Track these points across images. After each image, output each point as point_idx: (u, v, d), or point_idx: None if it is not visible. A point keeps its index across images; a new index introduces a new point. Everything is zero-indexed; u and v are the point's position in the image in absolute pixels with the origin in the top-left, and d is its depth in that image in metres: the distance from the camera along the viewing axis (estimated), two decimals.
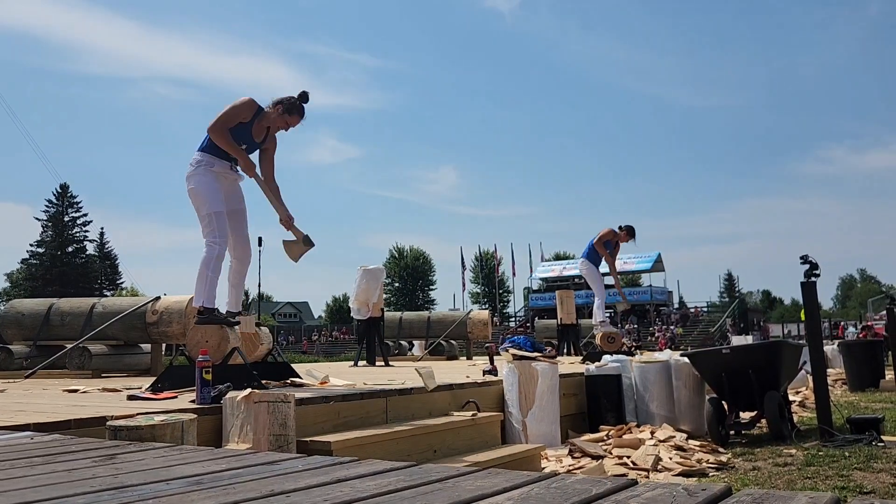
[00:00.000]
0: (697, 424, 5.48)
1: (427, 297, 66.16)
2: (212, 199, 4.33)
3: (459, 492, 1.25)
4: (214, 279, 4.32)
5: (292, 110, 4.47)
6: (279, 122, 4.49)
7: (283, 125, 4.52)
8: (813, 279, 5.34)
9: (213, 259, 4.29)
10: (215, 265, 4.31)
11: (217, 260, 4.31)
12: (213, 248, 4.29)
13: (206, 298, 4.28)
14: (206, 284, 4.28)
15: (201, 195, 4.32)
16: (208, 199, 4.32)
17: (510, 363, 5.08)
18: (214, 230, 4.30)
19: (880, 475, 3.70)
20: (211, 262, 4.29)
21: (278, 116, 4.46)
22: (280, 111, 4.45)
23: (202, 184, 4.34)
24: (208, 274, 4.29)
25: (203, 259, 4.31)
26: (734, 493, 1.19)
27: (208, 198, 4.32)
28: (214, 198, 4.35)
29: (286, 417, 3.13)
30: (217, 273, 4.33)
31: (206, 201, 4.32)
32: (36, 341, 7.14)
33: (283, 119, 4.48)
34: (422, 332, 12.14)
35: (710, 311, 47.41)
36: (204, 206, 4.31)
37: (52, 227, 55.19)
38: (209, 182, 4.36)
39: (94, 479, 1.46)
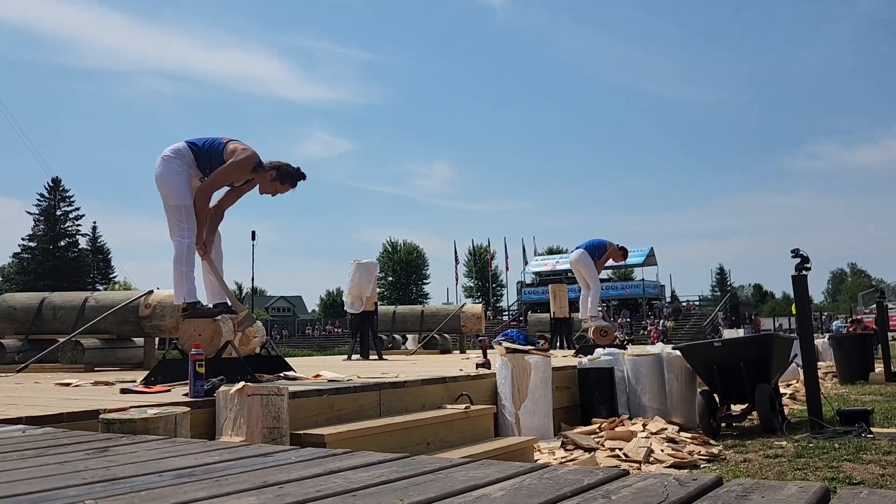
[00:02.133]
0: (689, 417, 5.51)
1: (420, 291, 66.14)
2: (181, 190, 4.26)
3: (452, 482, 1.26)
4: (190, 273, 4.27)
5: (285, 179, 4.38)
6: (269, 188, 4.39)
7: (272, 191, 4.41)
8: (804, 273, 5.37)
9: (185, 253, 4.24)
10: (187, 259, 4.25)
11: (188, 253, 4.25)
12: (181, 243, 4.23)
13: (187, 293, 4.24)
14: (182, 280, 4.23)
15: (171, 185, 4.25)
16: (178, 191, 4.25)
17: (503, 356, 5.10)
18: (183, 223, 4.23)
19: (869, 466, 3.73)
20: (182, 257, 4.23)
21: (269, 182, 4.37)
22: (273, 177, 4.35)
23: (173, 175, 4.26)
24: (182, 270, 4.23)
25: (174, 257, 4.25)
26: (725, 483, 1.20)
27: (178, 189, 4.25)
28: (184, 190, 4.28)
29: (279, 410, 3.13)
30: (191, 266, 4.28)
31: (176, 192, 4.25)
32: (28, 335, 7.11)
33: (273, 185, 4.38)
34: (415, 326, 12.15)
35: (701, 305, 47.58)
36: (173, 196, 4.25)
37: (44, 221, 54.88)
38: (182, 174, 4.29)
39: (85, 472, 1.46)
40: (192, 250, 4.27)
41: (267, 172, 4.35)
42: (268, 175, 4.35)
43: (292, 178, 4.41)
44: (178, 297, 4.27)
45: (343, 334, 41.21)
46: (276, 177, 4.35)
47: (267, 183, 4.37)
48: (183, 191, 4.27)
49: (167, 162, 4.28)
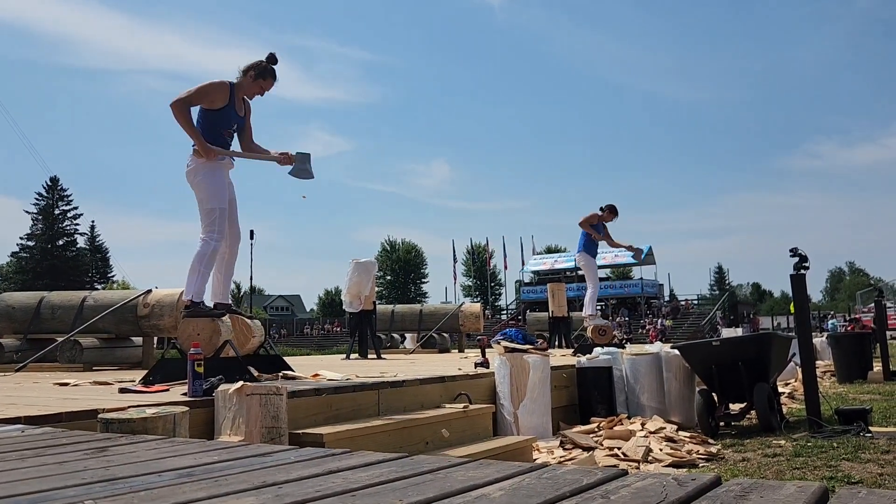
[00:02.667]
0: (688, 416, 5.51)
1: (419, 290, 66.15)
2: (219, 194, 4.31)
3: (451, 482, 1.26)
4: (207, 274, 4.30)
5: (265, 74, 4.45)
6: (254, 89, 4.47)
7: (259, 90, 4.49)
8: (802, 272, 5.37)
9: (208, 255, 4.27)
10: (209, 261, 4.29)
11: (212, 256, 4.29)
12: (208, 244, 4.27)
13: (196, 293, 4.26)
14: (197, 279, 4.26)
15: (207, 189, 4.29)
16: (215, 195, 4.29)
17: (502, 356, 5.10)
18: (214, 226, 4.27)
19: (868, 465, 3.73)
20: (205, 257, 4.27)
21: (252, 83, 4.44)
22: (253, 77, 4.43)
23: (210, 177, 4.30)
24: (201, 269, 4.26)
25: (198, 253, 4.28)
26: (723, 482, 1.20)
27: (215, 193, 4.30)
28: (221, 194, 4.33)
29: (278, 410, 3.13)
30: (210, 269, 4.31)
31: (212, 196, 4.29)
32: (26, 335, 7.10)
33: (257, 85, 4.45)
34: (414, 325, 12.15)
35: (700, 304, 47.60)
36: (209, 200, 4.28)
37: (43, 220, 54.81)
38: (219, 177, 4.34)
39: (84, 472, 1.45)
40: (216, 253, 4.31)
41: (245, 78, 4.43)
42: (247, 79, 4.43)
43: (270, 69, 4.47)
44: (188, 294, 4.29)
45: (342, 333, 41.21)
46: (254, 76, 4.43)
47: (250, 86, 4.45)
48: (218, 194, 4.32)
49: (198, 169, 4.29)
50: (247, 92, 4.49)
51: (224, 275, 4.54)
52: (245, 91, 4.48)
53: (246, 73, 4.44)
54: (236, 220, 4.56)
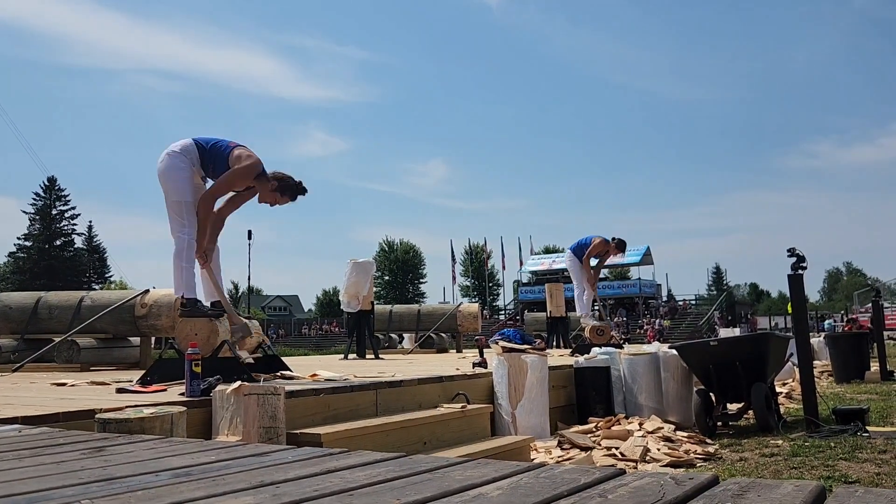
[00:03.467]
0: (685, 416, 5.52)
1: (417, 290, 66.15)
2: (184, 187, 4.28)
3: (449, 482, 1.26)
4: (190, 269, 4.29)
5: (286, 192, 4.42)
6: (268, 197, 4.42)
7: (271, 201, 4.44)
8: (800, 272, 5.38)
9: (185, 249, 4.26)
10: (188, 255, 4.27)
11: (188, 249, 4.27)
12: (182, 240, 4.26)
13: (186, 289, 4.26)
14: (182, 275, 4.26)
15: (174, 181, 4.27)
16: (181, 188, 4.27)
17: (500, 356, 5.10)
18: (185, 219, 4.25)
19: (865, 465, 3.74)
20: (182, 252, 4.26)
21: (270, 192, 4.39)
22: (274, 187, 4.38)
23: (177, 171, 4.28)
24: (182, 265, 4.26)
25: (175, 251, 4.27)
26: (721, 482, 1.20)
27: (181, 186, 4.28)
28: (186, 187, 4.30)
29: (276, 410, 3.13)
30: (191, 263, 4.30)
31: (178, 189, 4.27)
32: (24, 335, 7.09)
33: (273, 195, 4.41)
34: (412, 325, 12.15)
35: (698, 304, 47.65)
36: (175, 192, 4.27)
37: (40, 220, 54.76)
38: (185, 171, 4.31)
39: (82, 472, 1.45)
40: (193, 246, 4.28)
41: (269, 182, 4.38)
42: (269, 185, 4.38)
43: (293, 191, 4.45)
44: (178, 291, 4.29)
45: (339, 333, 41.17)
46: (276, 187, 4.39)
47: (267, 192, 4.40)
48: (184, 187, 4.28)
49: (170, 158, 4.31)
50: (260, 193, 4.42)
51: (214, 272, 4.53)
52: (259, 190, 4.41)
53: (272, 179, 4.38)
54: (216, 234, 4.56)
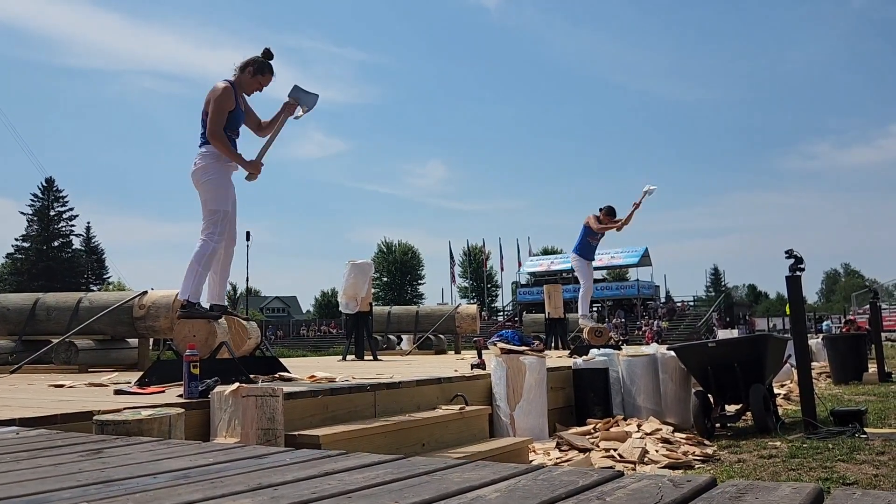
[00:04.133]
0: (683, 417, 5.52)
1: (416, 291, 66.12)
2: (224, 196, 4.34)
3: (447, 484, 1.26)
4: (204, 275, 4.30)
5: (263, 69, 4.49)
6: (253, 85, 4.50)
7: (258, 86, 4.52)
8: (798, 273, 5.39)
9: (207, 255, 4.27)
10: (207, 262, 4.29)
11: (210, 257, 4.29)
12: (208, 245, 4.27)
13: (192, 293, 4.26)
14: (194, 279, 4.26)
15: (214, 191, 4.31)
16: (220, 197, 4.32)
17: (498, 357, 5.10)
18: (217, 227, 4.28)
19: (863, 466, 3.74)
20: (204, 257, 4.27)
21: (251, 80, 4.47)
22: (251, 73, 4.46)
23: (218, 179, 4.32)
24: (199, 269, 4.26)
25: (196, 253, 4.28)
26: (719, 484, 1.20)
27: (221, 195, 4.32)
28: (226, 196, 4.35)
29: (274, 411, 3.13)
30: (208, 270, 4.32)
31: (217, 198, 4.31)
32: (21, 336, 7.08)
33: (255, 81, 4.48)
34: (410, 327, 12.15)
35: (696, 306, 47.66)
36: (214, 201, 4.30)
37: (38, 221, 54.67)
38: (226, 178, 4.37)
39: (80, 474, 1.45)
40: (215, 255, 4.32)
41: (244, 75, 4.45)
42: (245, 76, 4.45)
43: (267, 64, 4.50)
44: (184, 293, 4.29)
45: (338, 335, 41.15)
46: (253, 73, 4.46)
47: (249, 82, 4.47)
48: (223, 196, 4.34)
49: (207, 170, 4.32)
50: (246, 89, 4.51)
51: (220, 276, 4.54)
52: (244, 88, 4.50)
53: (244, 69, 4.46)
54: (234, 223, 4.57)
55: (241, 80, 4.47)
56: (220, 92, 4.35)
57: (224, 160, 4.35)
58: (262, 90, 4.55)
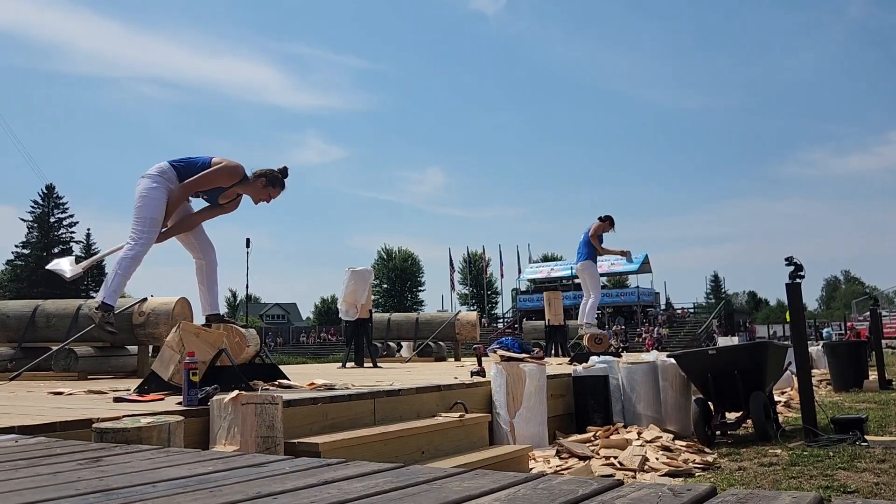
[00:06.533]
0: (684, 425, 5.51)
1: (415, 298, 66.11)
2: (157, 208, 4.35)
3: (446, 493, 1.25)
4: (125, 278, 4.33)
5: (275, 183, 4.54)
6: (262, 195, 4.54)
7: (266, 198, 4.56)
8: (798, 280, 5.39)
9: (129, 259, 4.30)
10: (129, 266, 4.31)
11: (132, 261, 4.31)
12: (133, 248, 4.30)
13: (109, 294, 4.32)
14: (114, 280, 4.31)
15: (149, 199, 4.34)
16: (153, 207, 4.34)
17: (498, 364, 5.09)
18: (144, 233, 4.31)
19: (864, 475, 3.73)
20: (125, 261, 4.30)
21: (262, 189, 4.51)
22: (263, 185, 4.50)
23: (157, 191, 4.35)
24: (119, 272, 4.30)
25: (120, 257, 4.33)
26: (719, 493, 1.20)
27: (153, 206, 4.35)
28: (159, 208, 4.36)
29: (274, 419, 3.12)
30: (127, 273, 4.34)
31: (149, 206, 4.34)
32: (21, 343, 7.07)
33: (266, 192, 4.53)
34: (410, 334, 12.13)
35: (696, 313, 47.66)
36: (145, 209, 4.33)
37: (38, 227, 54.69)
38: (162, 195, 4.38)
39: (79, 482, 1.45)
40: (139, 261, 4.34)
41: (256, 181, 4.51)
42: (258, 184, 4.51)
43: (280, 180, 4.57)
44: (103, 294, 4.34)
45: (338, 342, 41.11)
46: (265, 183, 4.51)
47: (259, 191, 4.52)
48: (155, 205, 4.35)
49: (147, 178, 4.40)
50: (252, 194, 4.55)
51: (208, 286, 4.56)
52: (249, 192, 4.54)
53: (257, 177, 4.51)
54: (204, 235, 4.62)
55: (249, 185, 4.52)
56: (233, 167, 4.43)
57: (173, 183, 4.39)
58: (268, 202, 4.59)
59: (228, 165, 4.41)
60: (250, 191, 4.53)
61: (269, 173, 4.52)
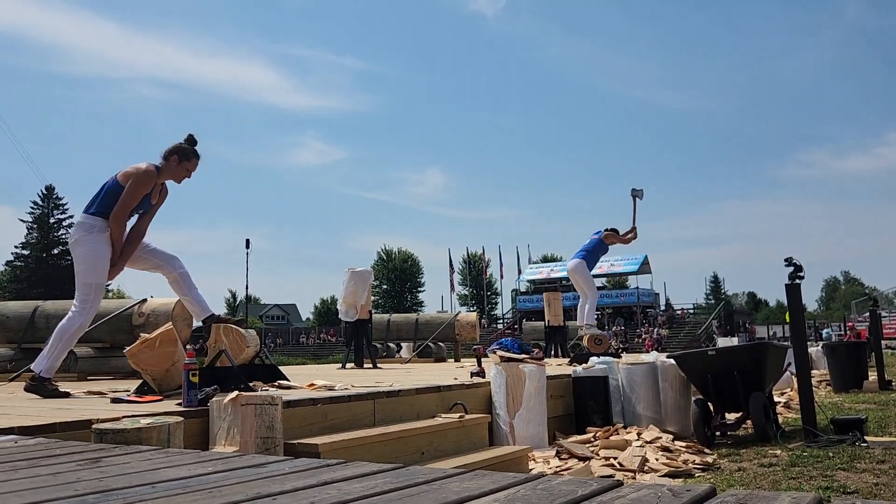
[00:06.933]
0: (683, 425, 5.51)
1: (415, 299, 66.12)
2: (100, 270, 4.22)
3: (446, 493, 1.25)
4: (63, 352, 4.19)
5: (189, 156, 4.41)
6: (181, 173, 4.41)
7: (185, 174, 4.44)
8: (797, 281, 5.39)
9: (73, 331, 4.15)
10: (71, 338, 4.17)
11: (77, 331, 4.17)
12: (76, 319, 4.15)
13: (46, 370, 4.11)
14: (51, 354, 4.12)
15: (91, 263, 4.20)
16: (96, 270, 4.21)
17: (498, 365, 5.09)
18: (89, 300, 4.18)
19: (863, 475, 3.73)
20: (68, 333, 4.14)
21: (178, 167, 4.38)
22: (177, 161, 4.37)
23: (96, 252, 4.20)
24: (59, 346, 4.13)
25: (62, 327, 4.15)
26: (718, 493, 1.20)
27: (97, 268, 4.21)
28: (103, 269, 4.24)
29: (273, 420, 3.12)
30: (69, 346, 4.21)
31: (93, 270, 4.20)
32: (21, 343, 7.07)
33: (183, 168, 4.40)
34: (410, 334, 12.14)
35: (696, 313, 47.66)
36: (90, 274, 4.19)
37: (38, 228, 54.71)
38: (103, 251, 4.24)
39: (78, 483, 1.45)
40: (83, 330, 4.22)
41: (170, 162, 4.36)
42: (171, 164, 4.37)
43: (192, 150, 4.43)
44: (38, 366, 4.11)
45: (337, 342, 41.11)
46: (179, 160, 4.38)
47: (176, 170, 4.39)
48: (100, 270, 4.22)
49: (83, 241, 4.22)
50: (173, 177, 4.42)
51: (191, 294, 4.47)
52: (170, 176, 4.41)
53: (169, 157, 4.37)
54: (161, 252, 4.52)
55: (166, 169, 4.38)
56: (144, 174, 4.26)
57: (100, 228, 4.23)
58: (190, 176, 4.46)
59: (141, 171, 4.25)
60: (169, 175, 4.39)
61: (178, 149, 4.38)
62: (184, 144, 4.42)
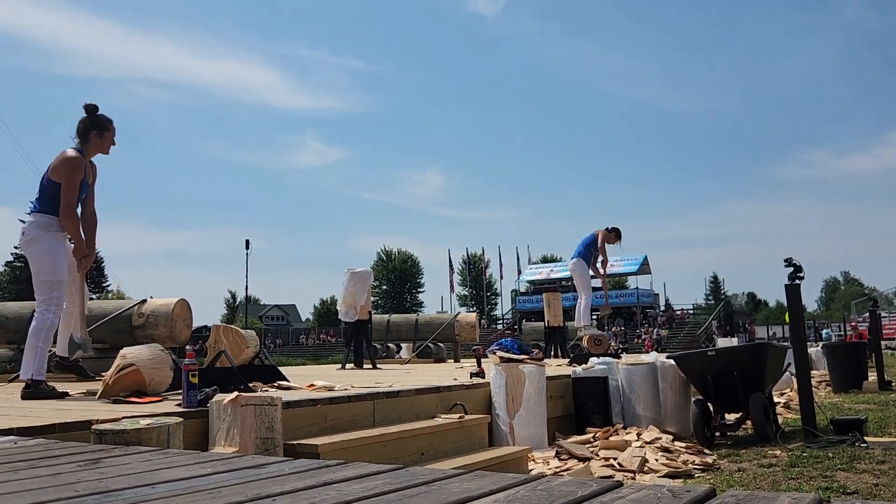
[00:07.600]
0: (683, 426, 5.51)
1: (415, 299, 66.13)
2: (59, 266, 4.21)
3: (446, 494, 1.25)
4: (45, 349, 4.18)
5: (106, 124, 4.38)
6: (106, 144, 4.40)
7: (110, 143, 4.42)
8: (797, 281, 5.39)
9: (46, 329, 4.15)
10: (46, 335, 4.16)
11: (49, 329, 4.17)
12: (45, 317, 4.15)
13: (36, 370, 4.11)
14: (35, 356, 4.12)
15: (49, 261, 4.18)
16: (56, 267, 4.19)
17: (497, 365, 5.09)
18: (53, 298, 4.16)
19: (863, 476, 3.73)
20: (42, 331, 4.14)
21: (101, 140, 4.36)
22: (98, 135, 4.35)
23: (52, 249, 4.19)
24: (38, 345, 4.13)
25: (33, 328, 4.15)
26: (718, 494, 1.20)
27: (57, 265, 4.19)
28: (61, 265, 4.23)
29: (273, 421, 3.12)
30: (48, 344, 4.20)
31: (52, 268, 4.18)
32: (20, 344, 7.05)
33: (105, 139, 4.38)
34: (409, 335, 12.13)
35: (695, 314, 47.66)
36: (49, 272, 4.17)
37: None
38: (59, 248, 4.24)
39: (78, 484, 1.45)
40: (54, 328, 4.22)
41: (91, 139, 4.33)
42: (93, 139, 4.34)
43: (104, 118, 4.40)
44: (27, 373, 4.12)
45: (337, 343, 41.10)
46: (97, 134, 4.35)
47: (100, 144, 4.37)
48: (59, 266, 4.21)
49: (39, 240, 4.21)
50: (100, 150, 4.40)
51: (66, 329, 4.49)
52: (97, 151, 4.39)
53: (88, 135, 4.33)
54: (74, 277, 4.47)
55: (91, 147, 4.35)
56: (72, 162, 4.22)
57: (57, 228, 4.23)
58: (115, 143, 4.44)
59: (69, 160, 4.22)
60: (96, 150, 4.37)
61: (92, 123, 4.33)
62: (93, 117, 4.38)
